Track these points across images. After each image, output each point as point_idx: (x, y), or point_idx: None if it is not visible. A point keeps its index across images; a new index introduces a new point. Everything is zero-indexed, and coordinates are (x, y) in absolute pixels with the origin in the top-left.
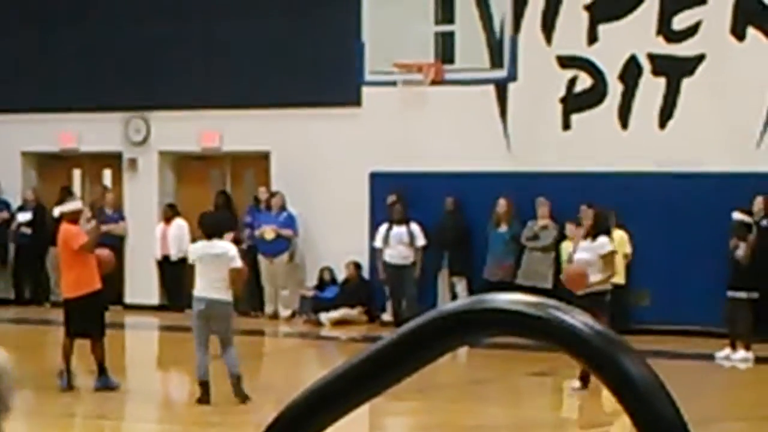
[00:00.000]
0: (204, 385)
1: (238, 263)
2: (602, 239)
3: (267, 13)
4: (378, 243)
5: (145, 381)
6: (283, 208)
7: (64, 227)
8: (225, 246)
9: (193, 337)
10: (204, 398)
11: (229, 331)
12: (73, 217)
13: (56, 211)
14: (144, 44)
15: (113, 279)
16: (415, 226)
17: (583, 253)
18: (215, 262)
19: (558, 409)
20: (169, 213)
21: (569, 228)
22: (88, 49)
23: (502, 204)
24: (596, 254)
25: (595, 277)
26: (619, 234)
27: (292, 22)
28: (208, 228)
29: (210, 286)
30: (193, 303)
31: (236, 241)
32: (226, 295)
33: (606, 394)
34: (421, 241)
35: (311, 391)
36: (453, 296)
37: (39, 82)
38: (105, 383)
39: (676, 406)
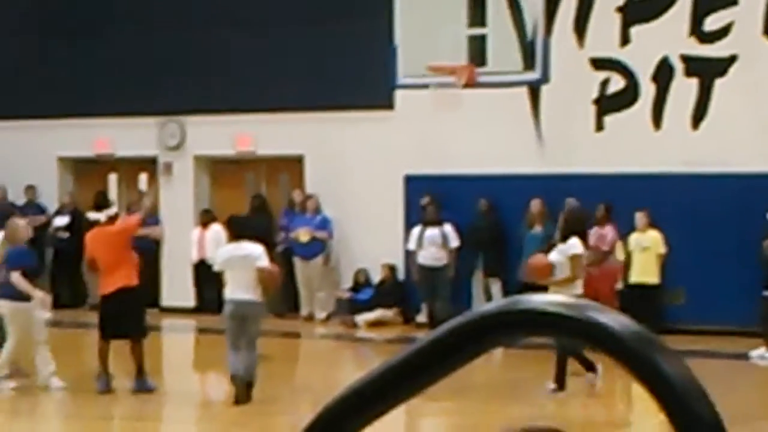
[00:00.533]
0: (235, 379)
1: (265, 262)
2: (572, 241)
3: (300, 17)
4: (411, 245)
5: (182, 383)
6: (318, 210)
7: (107, 227)
8: (251, 247)
9: (226, 339)
10: (240, 397)
11: (256, 334)
12: (114, 221)
13: (102, 216)
14: (178, 49)
15: (149, 282)
16: (448, 228)
17: (555, 254)
18: (242, 263)
19: (594, 409)
20: (206, 218)
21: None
22: (123, 54)
23: (535, 204)
24: (565, 256)
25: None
26: (653, 234)
27: (325, 26)
28: (236, 229)
29: (239, 287)
30: (224, 305)
31: (266, 244)
32: (255, 296)
33: (640, 394)
34: (454, 242)
35: (348, 393)
36: (488, 297)
37: (74, 87)
38: (143, 385)
39: (714, 405)
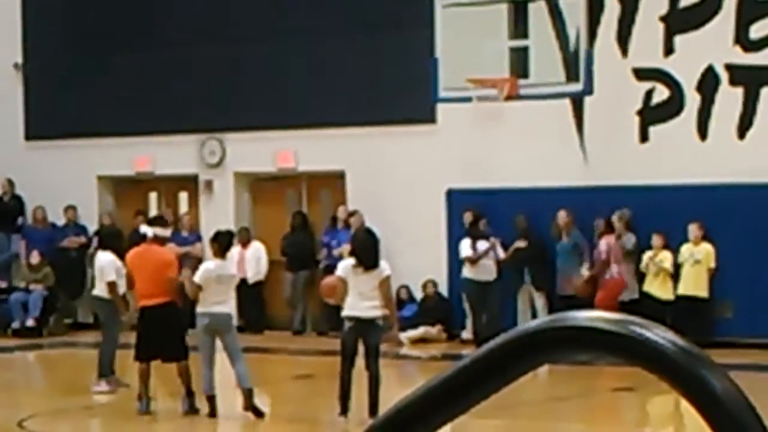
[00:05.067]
0: (211, 399)
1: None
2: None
3: (341, 32)
4: (467, 251)
5: (226, 403)
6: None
7: (158, 249)
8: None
9: (200, 354)
10: (212, 412)
11: (236, 343)
12: (162, 242)
13: (149, 232)
14: (218, 66)
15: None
16: (496, 241)
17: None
18: (230, 281)
19: (643, 426)
20: (245, 237)
21: (655, 238)
22: (161, 71)
23: (562, 216)
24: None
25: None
26: (707, 247)
27: (365, 41)
28: (224, 247)
29: (218, 302)
30: (197, 319)
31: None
32: (228, 308)
33: (689, 410)
34: (502, 255)
35: (394, 412)
36: (533, 312)
37: (113, 106)
38: (191, 407)
39: (762, 420)
